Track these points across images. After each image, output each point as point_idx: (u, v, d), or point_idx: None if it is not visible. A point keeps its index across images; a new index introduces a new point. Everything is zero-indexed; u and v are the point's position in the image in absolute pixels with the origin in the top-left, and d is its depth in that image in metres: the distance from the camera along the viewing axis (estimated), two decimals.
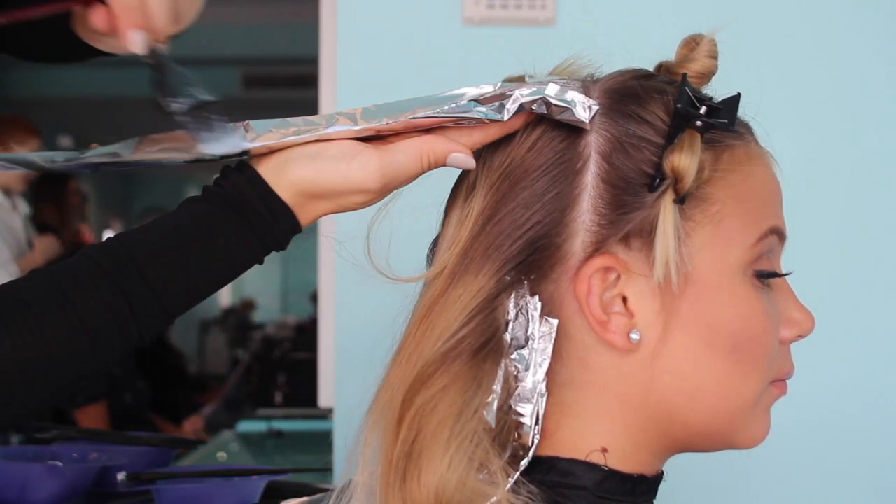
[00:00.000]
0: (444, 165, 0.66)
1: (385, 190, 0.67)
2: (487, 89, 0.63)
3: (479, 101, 0.63)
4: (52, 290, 0.61)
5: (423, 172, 0.67)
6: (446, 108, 0.64)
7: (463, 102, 0.64)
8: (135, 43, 0.72)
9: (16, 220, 3.24)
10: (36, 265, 3.13)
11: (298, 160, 0.66)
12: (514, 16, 1.74)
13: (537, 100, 0.62)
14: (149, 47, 0.73)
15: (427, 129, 0.66)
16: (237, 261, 0.67)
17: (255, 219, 0.66)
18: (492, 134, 0.65)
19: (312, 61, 1.84)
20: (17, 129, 3.20)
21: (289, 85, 5.73)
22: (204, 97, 0.68)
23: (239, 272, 0.68)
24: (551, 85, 0.62)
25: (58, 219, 3.53)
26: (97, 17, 0.73)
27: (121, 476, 1.15)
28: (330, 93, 1.78)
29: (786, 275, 0.65)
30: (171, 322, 0.66)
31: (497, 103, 0.63)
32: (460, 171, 0.67)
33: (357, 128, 0.66)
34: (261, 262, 0.69)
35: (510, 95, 0.63)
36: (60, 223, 3.54)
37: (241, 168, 0.67)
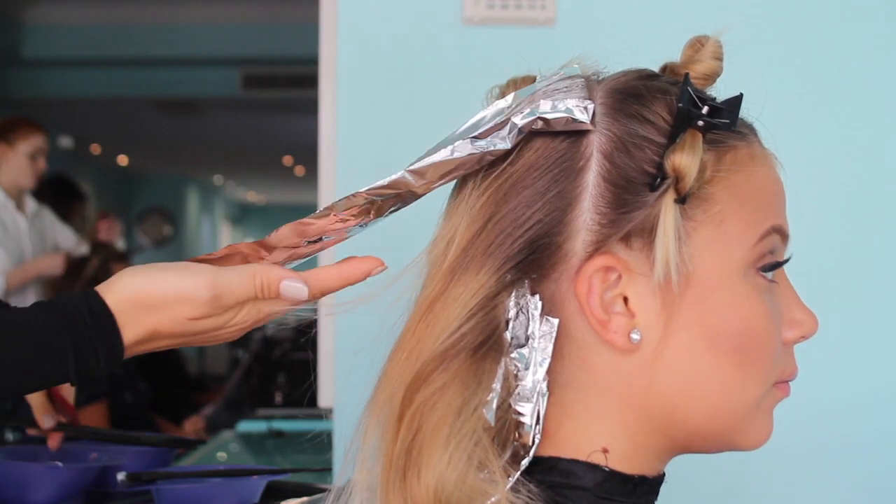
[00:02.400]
0: (279, 293, 0.70)
1: (214, 303, 0.69)
2: (481, 116, 0.63)
3: (477, 136, 0.63)
4: None
5: (256, 296, 0.70)
6: (444, 153, 0.63)
7: (462, 142, 0.63)
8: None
9: (20, 221, 3.22)
10: (26, 279, 3.11)
11: (133, 270, 0.69)
12: (514, 16, 1.74)
13: (534, 120, 0.62)
14: None
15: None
16: (46, 369, 0.67)
17: (76, 322, 0.66)
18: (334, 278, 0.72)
19: (312, 61, 1.84)
20: (21, 127, 3.22)
21: (289, 85, 5.73)
22: None
23: (45, 383, 0.68)
24: (543, 102, 0.62)
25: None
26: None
27: (121, 476, 1.15)
28: (330, 93, 1.78)
29: (787, 260, 0.65)
30: None
31: (496, 133, 0.63)
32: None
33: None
34: (72, 382, 0.68)
35: (506, 123, 0.62)
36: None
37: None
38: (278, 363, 4.13)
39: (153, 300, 0.68)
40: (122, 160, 9.29)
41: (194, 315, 0.69)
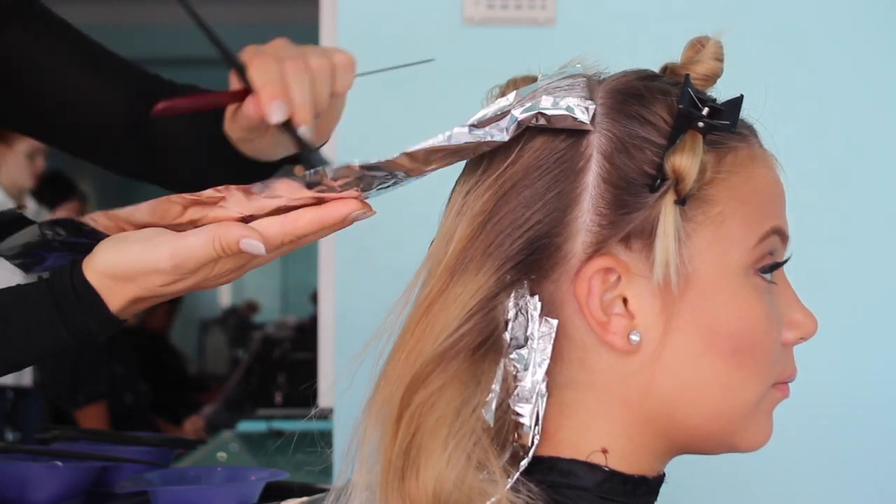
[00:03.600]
0: (240, 250, 0.70)
1: (178, 271, 0.71)
2: (483, 113, 0.63)
3: (476, 125, 0.63)
4: None
5: (218, 256, 0.71)
6: (441, 138, 0.63)
7: (459, 129, 0.63)
8: (274, 112, 0.77)
9: None
10: None
11: (106, 245, 0.72)
12: (514, 16, 1.74)
13: (534, 115, 0.62)
14: (287, 119, 0.77)
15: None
16: (38, 339, 0.73)
17: (63, 297, 0.72)
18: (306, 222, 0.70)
19: None
20: None
21: None
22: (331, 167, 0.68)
23: (41, 352, 0.74)
24: (545, 98, 0.62)
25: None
26: (250, 106, 0.79)
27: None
28: None
29: (786, 261, 0.65)
30: None
31: (494, 125, 0.62)
32: (462, 169, 0.67)
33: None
34: (67, 347, 0.74)
35: (506, 115, 0.62)
36: None
37: (72, 261, 0.74)
38: (278, 363, 4.13)
39: (125, 274, 0.72)
40: None
41: (164, 283, 0.72)
